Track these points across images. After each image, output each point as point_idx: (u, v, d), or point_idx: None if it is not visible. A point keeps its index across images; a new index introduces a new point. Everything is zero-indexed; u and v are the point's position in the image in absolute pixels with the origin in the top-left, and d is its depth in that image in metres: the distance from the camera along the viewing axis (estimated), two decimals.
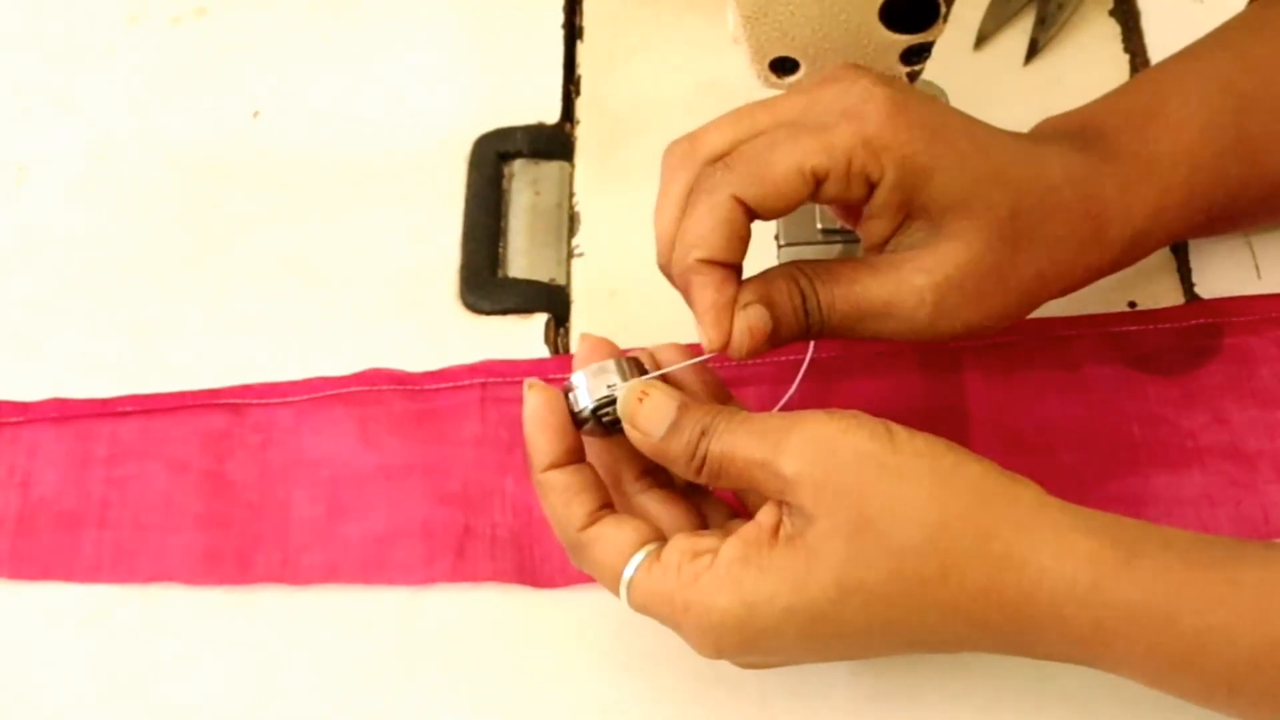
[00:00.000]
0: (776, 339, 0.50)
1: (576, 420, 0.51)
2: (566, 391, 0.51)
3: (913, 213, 0.50)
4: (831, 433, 0.46)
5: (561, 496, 0.50)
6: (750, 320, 0.49)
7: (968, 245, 0.50)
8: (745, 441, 0.48)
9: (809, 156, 0.48)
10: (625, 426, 0.50)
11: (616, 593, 0.49)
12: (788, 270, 0.51)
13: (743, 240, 0.49)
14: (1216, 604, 0.45)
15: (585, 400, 0.50)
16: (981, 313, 0.51)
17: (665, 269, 0.51)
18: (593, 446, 0.52)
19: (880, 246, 0.51)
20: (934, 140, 0.49)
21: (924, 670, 0.54)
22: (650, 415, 0.49)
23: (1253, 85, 0.55)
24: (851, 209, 0.53)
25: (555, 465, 0.50)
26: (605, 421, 0.51)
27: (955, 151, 0.49)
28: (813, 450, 0.46)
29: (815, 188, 0.49)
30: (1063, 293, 0.54)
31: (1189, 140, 0.54)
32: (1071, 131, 0.55)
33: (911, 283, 0.50)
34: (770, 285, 0.50)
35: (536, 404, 0.50)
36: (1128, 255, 0.54)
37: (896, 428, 0.47)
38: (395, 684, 0.56)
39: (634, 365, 0.51)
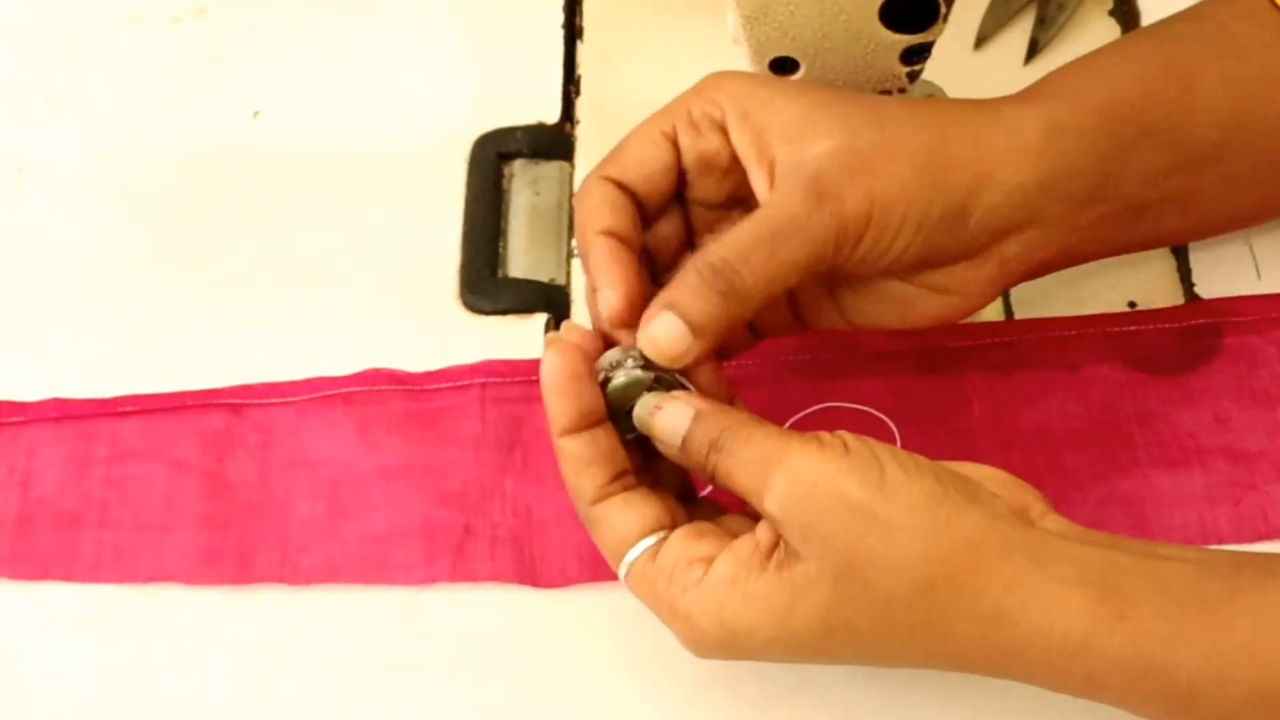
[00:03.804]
0: (704, 333, 0.49)
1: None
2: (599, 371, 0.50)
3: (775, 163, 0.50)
4: (819, 476, 0.45)
5: (574, 467, 0.49)
6: (653, 332, 0.49)
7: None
8: (741, 469, 0.47)
9: (655, 121, 0.52)
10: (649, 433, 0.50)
11: (617, 572, 0.49)
12: (691, 263, 0.50)
13: (628, 213, 0.51)
14: (1209, 653, 0.44)
15: (620, 379, 0.49)
16: (852, 200, 0.49)
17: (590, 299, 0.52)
18: None
19: None
20: (762, 80, 0.52)
21: (923, 670, 0.54)
22: (665, 428, 0.49)
23: (1177, 27, 0.55)
24: None
25: (570, 430, 0.49)
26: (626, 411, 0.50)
27: (791, 86, 0.52)
28: (798, 492, 0.45)
29: (674, 152, 0.52)
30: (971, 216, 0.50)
31: (1104, 66, 0.53)
32: None
33: (786, 178, 0.50)
34: (677, 287, 0.49)
35: (554, 364, 0.49)
36: (1043, 165, 0.51)
37: (891, 468, 0.46)
38: (395, 684, 0.56)
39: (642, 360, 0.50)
